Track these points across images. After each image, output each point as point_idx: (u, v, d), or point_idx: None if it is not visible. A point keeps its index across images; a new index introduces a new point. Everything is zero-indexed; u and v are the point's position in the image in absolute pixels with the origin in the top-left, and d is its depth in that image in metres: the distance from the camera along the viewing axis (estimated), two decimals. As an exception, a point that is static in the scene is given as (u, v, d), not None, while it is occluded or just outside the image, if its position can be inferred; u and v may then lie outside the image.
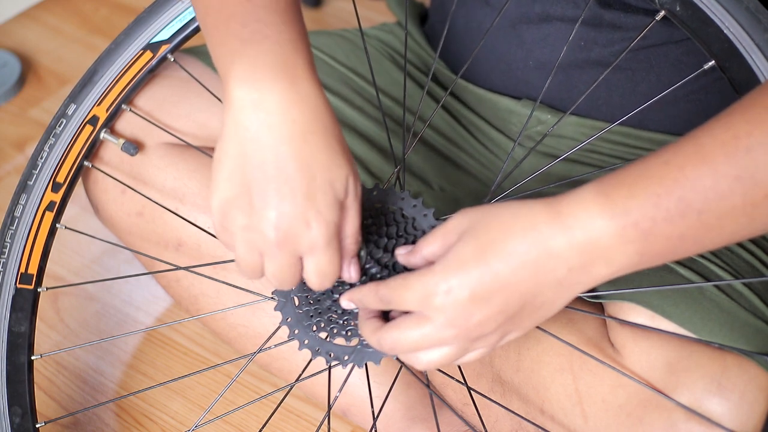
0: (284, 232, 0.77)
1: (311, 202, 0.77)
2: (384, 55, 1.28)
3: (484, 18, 1.15)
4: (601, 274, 0.73)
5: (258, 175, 0.77)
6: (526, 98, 1.15)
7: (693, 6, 0.86)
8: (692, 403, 0.88)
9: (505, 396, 1.03)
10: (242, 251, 0.80)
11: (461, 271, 0.74)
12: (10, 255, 1.01)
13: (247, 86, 0.78)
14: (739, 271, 0.97)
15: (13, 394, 1.02)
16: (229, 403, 1.23)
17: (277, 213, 0.77)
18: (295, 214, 0.77)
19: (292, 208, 0.77)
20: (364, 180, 1.15)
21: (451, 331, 0.75)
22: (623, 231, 0.71)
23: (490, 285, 0.73)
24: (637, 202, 0.71)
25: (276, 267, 0.80)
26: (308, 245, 0.78)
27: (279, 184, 0.77)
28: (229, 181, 0.78)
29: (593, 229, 0.71)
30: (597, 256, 0.72)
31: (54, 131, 1.02)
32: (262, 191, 0.77)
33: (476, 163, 1.21)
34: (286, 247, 0.78)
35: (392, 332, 0.77)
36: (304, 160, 0.77)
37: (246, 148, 0.77)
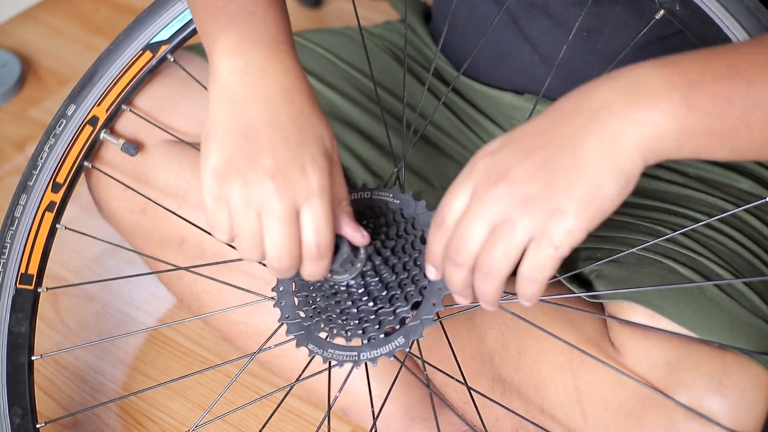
0: (281, 178, 0.77)
1: (305, 149, 0.79)
2: (387, 53, 1.28)
3: (487, 14, 1.14)
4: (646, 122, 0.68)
5: (250, 130, 0.79)
6: (530, 93, 1.15)
7: (693, 5, 0.86)
8: (692, 402, 0.88)
9: (505, 395, 1.03)
10: (241, 218, 0.79)
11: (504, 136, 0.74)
12: (10, 255, 1.02)
13: (233, 56, 0.82)
14: (739, 271, 0.97)
15: (14, 395, 1.02)
16: (229, 403, 1.23)
17: (272, 160, 0.78)
18: (290, 159, 0.78)
19: (286, 154, 0.78)
20: (365, 179, 1.15)
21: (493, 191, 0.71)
22: (670, 77, 0.69)
23: (529, 136, 0.72)
24: (687, 58, 0.70)
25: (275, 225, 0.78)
26: (305, 192, 0.78)
27: (271, 134, 0.79)
28: (221, 147, 0.79)
29: (638, 74, 0.70)
30: (640, 98, 0.69)
31: (54, 132, 1.02)
32: (256, 143, 0.78)
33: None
34: (285, 194, 0.77)
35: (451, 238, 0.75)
36: (294, 113, 0.80)
37: (235, 110, 0.80)
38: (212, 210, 0.80)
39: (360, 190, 0.94)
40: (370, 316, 0.88)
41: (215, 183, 0.79)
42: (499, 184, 0.71)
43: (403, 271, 0.88)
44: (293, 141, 0.79)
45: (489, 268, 0.73)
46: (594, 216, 0.70)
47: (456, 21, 1.20)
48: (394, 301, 0.87)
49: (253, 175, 0.78)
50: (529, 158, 0.71)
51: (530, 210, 0.70)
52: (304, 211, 0.79)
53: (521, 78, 1.15)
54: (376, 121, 1.21)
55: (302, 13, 1.97)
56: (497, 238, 0.72)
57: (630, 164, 0.70)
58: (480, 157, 0.74)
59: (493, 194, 0.71)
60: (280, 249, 0.79)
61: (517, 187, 0.71)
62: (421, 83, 1.25)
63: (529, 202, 0.70)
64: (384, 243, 0.88)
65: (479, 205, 0.72)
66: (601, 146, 0.69)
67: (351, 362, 0.88)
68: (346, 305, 0.88)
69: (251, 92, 0.80)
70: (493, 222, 0.72)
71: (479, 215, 0.72)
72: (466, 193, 0.74)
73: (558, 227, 0.70)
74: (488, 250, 0.73)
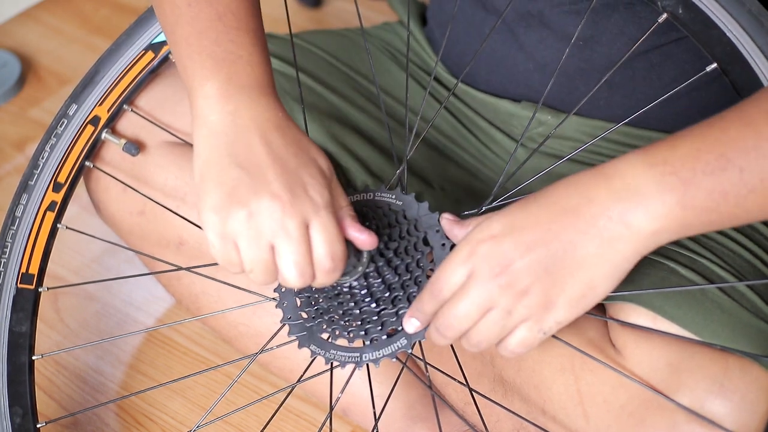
0: (288, 198, 0.79)
1: (303, 170, 0.81)
2: (386, 55, 1.28)
3: (482, 22, 1.14)
4: (643, 227, 0.72)
5: (247, 163, 0.81)
6: (527, 101, 1.15)
7: (695, 8, 0.86)
8: (694, 404, 0.88)
9: (507, 396, 1.03)
10: (253, 251, 0.80)
11: (505, 217, 0.77)
12: (11, 255, 1.01)
13: (223, 101, 0.83)
14: (741, 272, 0.97)
15: (14, 395, 1.02)
16: (229, 403, 1.23)
17: (276, 184, 0.79)
18: (291, 181, 0.80)
19: (287, 177, 0.80)
20: (365, 180, 1.15)
21: (495, 281, 0.76)
22: (662, 178, 0.71)
23: (532, 229, 0.75)
24: (677, 153, 0.71)
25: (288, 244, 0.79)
26: (312, 208, 0.80)
27: (270, 162, 0.81)
28: (219, 185, 0.80)
29: (632, 177, 0.72)
30: (636, 203, 0.72)
31: (55, 131, 1.02)
32: (256, 173, 0.80)
33: (478, 163, 1.21)
34: (294, 212, 0.79)
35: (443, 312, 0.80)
36: (287, 142, 0.83)
37: (229, 149, 0.81)
38: (221, 249, 0.82)
39: (362, 192, 0.94)
40: (372, 317, 0.88)
41: (218, 221, 0.80)
42: (501, 276, 0.76)
43: (406, 273, 0.88)
44: (291, 165, 0.81)
45: (479, 343, 0.80)
46: (584, 308, 0.78)
47: (451, 28, 1.20)
48: (397, 302, 0.87)
49: (257, 203, 0.79)
50: (531, 254, 0.76)
51: (526, 303, 0.77)
52: (313, 225, 0.80)
53: (517, 86, 1.15)
54: (376, 123, 1.21)
55: (302, 13, 1.97)
56: (492, 322, 0.79)
57: (625, 266, 0.76)
58: (482, 239, 0.78)
59: (494, 285, 0.77)
60: (297, 269, 0.81)
61: (518, 281, 0.76)
62: (420, 85, 1.25)
63: (526, 295, 0.77)
64: (387, 244, 0.88)
65: (478, 292, 0.78)
66: (600, 251, 0.74)
67: (353, 363, 0.88)
68: (349, 306, 0.88)
69: (244, 131, 0.82)
70: (489, 308, 0.78)
71: (478, 301, 0.78)
72: (464, 272, 0.78)
73: (550, 317, 0.78)
74: (481, 329, 0.80)
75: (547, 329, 0.78)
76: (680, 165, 0.71)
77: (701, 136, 0.72)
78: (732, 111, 0.73)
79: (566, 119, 0.99)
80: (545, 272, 0.75)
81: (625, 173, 0.73)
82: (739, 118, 0.72)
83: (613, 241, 0.73)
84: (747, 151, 0.70)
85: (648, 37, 0.91)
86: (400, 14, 1.30)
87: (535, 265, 0.75)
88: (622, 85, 1.09)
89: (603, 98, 1.10)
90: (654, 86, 1.07)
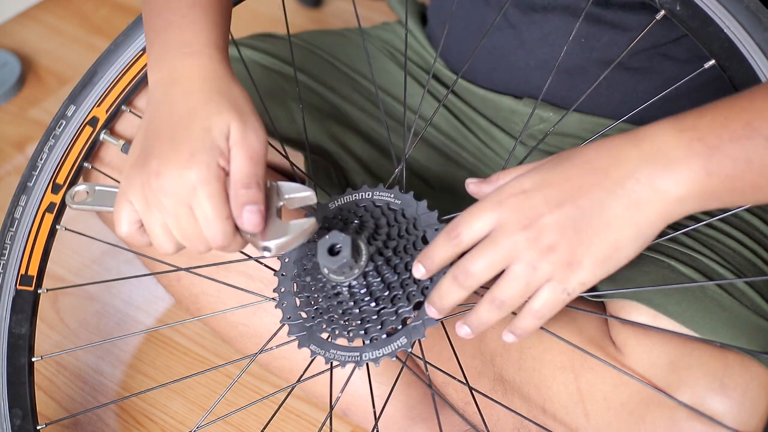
0: (164, 177, 0.80)
1: (187, 145, 0.81)
2: (385, 54, 1.28)
3: (483, 18, 1.14)
4: (669, 191, 0.73)
5: (151, 133, 0.84)
6: (528, 97, 1.15)
7: (693, 5, 0.86)
8: (694, 401, 0.88)
9: (507, 395, 1.03)
10: (146, 217, 0.83)
11: (536, 175, 0.76)
12: (10, 257, 1.01)
13: (155, 70, 0.88)
14: (741, 270, 0.97)
15: (14, 396, 1.02)
16: (230, 403, 1.23)
17: (157, 161, 0.81)
18: (171, 158, 0.81)
19: (168, 153, 0.81)
20: (364, 179, 1.15)
21: (523, 234, 0.75)
22: (689, 143, 0.72)
23: (562, 185, 0.75)
24: (705, 120, 0.72)
25: (173, 221, 0.82)
26: (186, 188, 0.80)
27: (163, 135, 0.83)
28: (133, 150, 0.85)
29: (662, 140, 0.73)
30: (663, 166, 0.72)
31: (54, 132, 1.02)
32: (151, 146, 0.83)
33: (478, 162, 1.21)
34: (169, 192, 0.81)
35: (465, 259, 0.78)
36: (185, 111, 0.83)
37: (149, 119, 0.85)
38: (117, 205, 0.85)
39: (361, 191, 0.94)
40: (372, 317, 0.88)
41: (124, 183, 0.84)
42: (529, 229, 0.76)
43: (405, 271, 0.87)
44: (178, 138, 0.82)
45: (503, 301, 0.78)
46: (608, 271, 0.77)
47: (452, 25, 1.20)
48: (396, 301, 0.87)
49: (145, 176, 0.82)
50: (560, 210, 0.75)
51: (552, 259, 0.76)
52: (194, 205, 0.81)
53: (518, 83, 1.15)
54: (376, 123, 1.21)
55: (302, 13, 1.97)
56: (516, 276, 0.77)
57: (651, 230, 0.75)
58: (511, 192, 0.77)
59: (522, 237, 0.76)
60: (187, 239, 0.83)
61: (545, 236, 0.75)
62: (420, 84, 1.24)
63: (552, 252, 0.76)
64: (386, 243, 0.88)
65: (505, 241, 0.76)
66: (627, 213, 0.74)
67: (353, 363, 0.88)
68: (348, 306, 0.88)
69: (161, 99, 0.85)
70: (513, 261, 0.76)
71: (503, 251, 0.76)
72: (490, 221, 0.77)
73: (575, 278, 0.76)
74: (505, 285, 0.77)
75: (572, 290, 0.77)
76: (707, 131, 0.72)
77: (729, 105, 0.73)
78: (762, 85, 0.74)
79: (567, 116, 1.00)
80: (573, 230, 0.75)
81: (655, 137, 0.74)
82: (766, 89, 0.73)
83: (641, 204, 0.74)
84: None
85: (647, 36, 0.92)
86: (399, 14, 1.30)
87: (563, 221, 0.75)
88: (622, 83, 1.09)
89: (603, 96, 1.10)
90: (654, 85, 1.07)
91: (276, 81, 1.23)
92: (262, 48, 1.26)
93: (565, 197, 0.75)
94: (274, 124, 1.07)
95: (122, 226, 0.85)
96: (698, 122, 0.72)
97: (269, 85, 1.22)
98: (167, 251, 0.85)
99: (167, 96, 0.85)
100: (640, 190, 0.73)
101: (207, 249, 0.84)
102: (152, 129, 0.84)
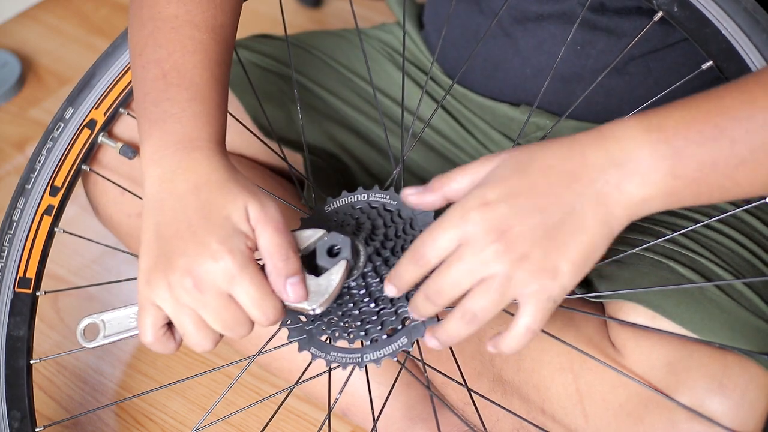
0: (197, 273, 0.77)
1: (211, 236, 0.78)
2: (384, 56, 1.28)
3: (478, 26, 1.14)
4: (635, 193, 0.72)
5: (164, 231, 0.80)
6: (525, 105, 1.15)
7: (691, 7, 0.86)
8: (693, 402, 0.89)
9: (506, 396, 1.03)
10: (179, 319, 0.80)
11: (499, 184, 0.74)
12: (8, 259, 1.01)
13: (153, 164, 0.83)
14: (740, 271, 0.97)
15: (12, 398, 1.02)
16: (229, 404, 1.24)
17: (184, 259, 0.78)
18: (200, 252, 0.78)
19: (195, 248, 0.78)
20: (363, 180, 1.15)
21: (492, 248, 0.73)
22: (656, 145, 0.71)
23: (528, 194, 0.73)
24: (672, 121, 0.71)
25: (213, 315, 0.79)
26: (225, 278, 0.78)
27: (181, 231, 0.79)
28: (146, 253, 0.81)
29: (628, 142, 0.72)
30: (630, 169, 0.72)
31: (52, 135, 1.02)
32: (170, 244, 0.79)
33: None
34: (207, 287, 0.78)
35: (434, 277, 0.76)
36: (200, 204, 0.80)
37: (156, 217, 0.81)
38: (140, 315, 0.82)
39: (357, 193, 0.94)
40: (371, 317, 0.88)
41: (145, 289, 0.81)
42: (498, 242, 0.73)
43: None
44: (200, 232, 0.79)
45: (474, 315, 0.75)
46: (585, 271, 0.75)
47: (448, 32, 1.19)
48: (396, 301, 0.87)
49: (173, 276, 0.78)
50: (530, 219, 0.73)
51: (526, 267, 0.73)
52: (235, 292, 0.78)
53: (515, 90, 1.15)
54: (374, 124, 1.21)
55: (302, 13, 1.97)
56: (488, 289, 0.74)
57: (619, 227, 0.74)
58: (474, 206, 0.74)
59: (491, 251, 0.73)
60: (229, 328, 0.80)
61: (516, 246, 0.73)
62: (418, 86, 1.24)
63: (526, 260, 0.73)
64: (383, 243, 0.88)
65: (473, 258, 0.74)
66: (598, 215, 0.73)
67: (354, 364, 0.88)
68: (348, 307, 0.88)
69: (166, 196, 0.81)
70: (484, 274, 0.74)
71: (472, 267, 0.74)
72: (454, 237, 0.75)
73: (556, 285, 0.74)
74: (477, 297, 0.75)
75: (557, 296, 0.74)
76: (673, 133, 0.71)
77: (697, 104, 0.72)
78: (732, 82, 0.73)
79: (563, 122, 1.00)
80: (545, 237, 0.73)
81: (621, 137, 0.72)
82: (736, 87, 0.72)
83: (610, 205, 0.73)
84: (740, 121, 0.70)
85: (643, 41, 0.91)
86: (397, 15, 1.30)
87: (534, 229, 0.73)
88: (618, 90, 1.08)
89: (600, 103, 1.10)
90: (651, 92, 1.07)
91: (274, 82, 1.23)
92: (260, 50, 1.26)
93: (533, 205, 0.73)
94: (272, 125, 1.07)
95: (147, 335, 0.82)
96: (665, 122, 0.71)
97: (267, 86, 1.22)
98: (206, 348, 0.82)
99: (173, 193, 0.81)
100: (609, 191, 0.72)
101: (250, 332, 0.81)
102: (165, 229, 0.80)
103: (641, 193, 0.72)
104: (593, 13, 1.04)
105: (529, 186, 0.73)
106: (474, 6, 1.14)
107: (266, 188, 1.12)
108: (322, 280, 0.82)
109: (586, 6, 0.94)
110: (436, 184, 0.79)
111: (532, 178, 0.73)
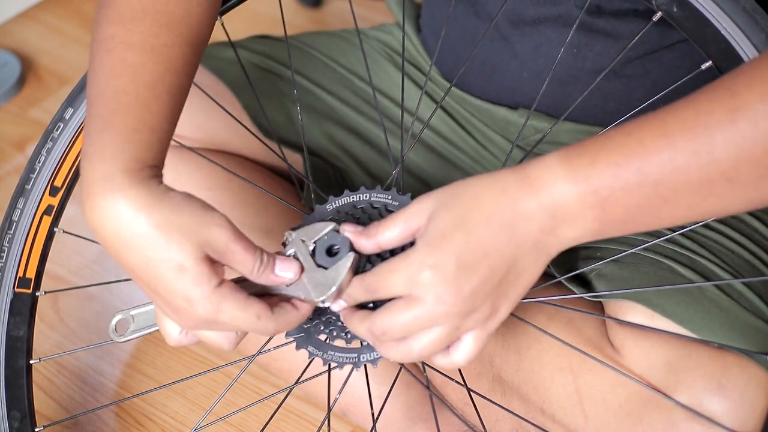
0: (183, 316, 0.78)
1: (174, 295, 0.76)
2: (383, 56, 1.28)
3: (475, 30, 1.14)
4: (568, 237, 0.74)
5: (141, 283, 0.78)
6: (523, 108, 1.14)
7: (690, 7, 0.86)
8: (692, 402, 0.89)
9: (506, 396, 1.03)
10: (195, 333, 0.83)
11: (445, 243, 0.74)
12: (8, 259, 1.01)
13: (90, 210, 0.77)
14: (739, 272, 0.97)
15: (12, 399, 1.02)
16: (229, 403, 1.24)
17: (162, 307, 0.79)
18: (168, 301, 0.77)
19: (165, 306, 0.78)
20: (363, 180, 1.15)
21: (441, 308, 0.74)
22: (584, 196, 0.72)
23: (475, 253, 0.74)
24: (597, 170, 0.72)
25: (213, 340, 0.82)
26: (205, 314, 0.77)
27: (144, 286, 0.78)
28: None
29: (559, 193, 0.73)
30: (563, 218, 0.73)
31: (51, 135, 1.02)
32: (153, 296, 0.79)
33: (475, 164, 1.21)
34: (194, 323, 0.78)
35: (382, 317, 0.77)
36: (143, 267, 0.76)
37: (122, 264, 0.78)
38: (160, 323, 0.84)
39: (359, 192, 0.94)
40: (370, 317, 0.88)
41: None
42: (449, 303, 0.74)
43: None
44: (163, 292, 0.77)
45: (419, 354, 0.78)
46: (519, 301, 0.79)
47: (445, 35, 1.19)
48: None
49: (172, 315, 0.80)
50: (476, 276, 0.74)
51: (475, 317, 0.76)
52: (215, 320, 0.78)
53: (512, 94, 1.15)
54: (374, 124, 1.21)
55: (302, 13, 1.97)
56: (437, 338, 0.77)
57: (548, 262, 0.77)
58: (422, 268, 0.74)
59: (441, 311, 0.75)
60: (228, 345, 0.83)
61: (466, 305, 0.75)
62: (417, 87, 1.24)
63: (475, 311, 0.76)
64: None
65: (425, 312, 0.75)
66: (538, 260, 0.76)
67: (351, 364, 0.88)
68: (347, 307, 0.88)
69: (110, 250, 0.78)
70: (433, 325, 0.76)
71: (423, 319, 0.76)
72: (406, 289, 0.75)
73: (495, 322, 0.78)
74: (423, 340, 0.77)
75: (493, 329, 0.79)
76: (599, 182, 0.72)
77: (620, 148, 0.72)
78: (652, 118, 0.73)
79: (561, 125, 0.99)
80: (492, 288, 0.75)
81: (551, 188, 0.73)
82: (657, 127, 0.71)
83: (546, 249, 0.75)
84: (662, 165, 0.70)
85: (641, 42, 0.91)
86: (396, 15, 1.30)
87: (481, 286, 0.75)
88: (616, 92, 1.08)
89: (597, 106, 1.10)
90: (648, 93, 1.07)
91: (273, 83, 1.23)
92: (259, 50, 1.26)
93: (479, 263, 0.74)
94: (271, 126, 1.07)
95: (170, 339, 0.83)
96: (591, 171, 0.72)
97: (267, 87, 1.22)
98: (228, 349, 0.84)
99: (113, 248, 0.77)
100: (545, 238, 0.74)
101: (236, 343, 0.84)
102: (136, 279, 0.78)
103: (573, 235, 0.74)
104: (590, 16, 1.04)
105: (475, 245, 0.74)
106: (470, 9, 1.14)
107: (266, 188, 1.12)
108: (330, 272, 0.83)
109: (583, 9, 0.94)
110: (371, 231, 0.80)
111: (474, 235, 0.74)
